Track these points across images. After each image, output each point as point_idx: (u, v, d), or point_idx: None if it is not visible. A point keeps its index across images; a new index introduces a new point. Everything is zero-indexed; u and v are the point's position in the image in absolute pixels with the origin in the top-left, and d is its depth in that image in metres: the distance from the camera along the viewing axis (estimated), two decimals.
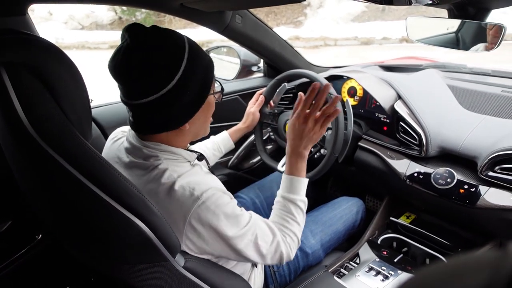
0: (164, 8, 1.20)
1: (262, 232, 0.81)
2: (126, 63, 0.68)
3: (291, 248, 0.87)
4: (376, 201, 1.66)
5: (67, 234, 0.75)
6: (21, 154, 0.61)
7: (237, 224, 0.76)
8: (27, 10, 0.99)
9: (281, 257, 0.86)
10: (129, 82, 0.71)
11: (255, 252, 0.80)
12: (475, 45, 0.95)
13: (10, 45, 0.55)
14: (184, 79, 0.71)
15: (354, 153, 1.34)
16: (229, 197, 0.79)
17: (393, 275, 1.10)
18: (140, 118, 0.75)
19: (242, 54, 1.72)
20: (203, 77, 0.76)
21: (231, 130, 1.30)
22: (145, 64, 0.68)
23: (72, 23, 9.95)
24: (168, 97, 0.71)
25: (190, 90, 0.73)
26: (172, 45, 0.71)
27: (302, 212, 0.93)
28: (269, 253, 0.83)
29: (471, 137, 1.07)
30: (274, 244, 0.83)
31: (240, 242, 0.77)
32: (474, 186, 1.02)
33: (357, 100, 1.39)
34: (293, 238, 0.88)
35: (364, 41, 7.84)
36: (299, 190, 0.92)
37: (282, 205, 0.92)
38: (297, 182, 0.93)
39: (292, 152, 0.94)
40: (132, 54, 0.68)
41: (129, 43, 0.68)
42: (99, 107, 1.33)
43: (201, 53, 0.76)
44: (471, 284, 0.19)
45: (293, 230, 0.89)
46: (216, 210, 0.73)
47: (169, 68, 0.70)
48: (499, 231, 1.10)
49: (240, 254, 0.78)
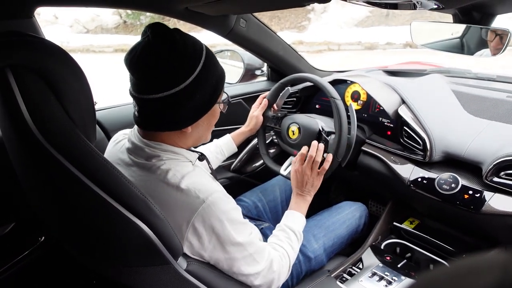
0: (169, 12, 1.20)
1: (261, 248, 0.83)
2: (144, 58, 0.70)
3: (282, 271, 0.88)
4: (380, 206, 1.65)
5: (69, 236, 0.75)
6: (25, 155, 0.62)
7: (240, 232, 0.77)
8: (34, 13, 1.00)
9: (271, 280, 0.86)
10: (143, 76, 0.72)
11: (248, 266, 0.81)
12: (480, 50, 0.95)
13: (16, 47, 0.55)
14: (196, 83, 0.73)
15: (357, 157, 1.33)
16: (234, 203, 0.79)
17: (397, 280, 1.08)
18: (147, 114, 0.76)
19: (246, 58, 1.72)
20: (214, 85, 0.78)
21: (234, 134, 1.30)
22: (162, 61, 0.70)
23: (78, 26, 10.03)
24: (178, 97, 0.72)
25: (200, 95, 0.75)
26: (190, 49, 0.73)
27: (298, 241, 0.97)
28: (265, 269, 0.83)
29: (476, 143, 1.06)
30: (267, 264, 0.84)
31: (239, 253, 0.78)
32: (479, 192, 1.01)
33: (360, 105, 1.38)
34: (286, 259, 0.90)
35: (368, 46, 7.83)
36: (297, 223, 1.01)
37: (282, 229, 0.98)
38: (297, 216, 1.02)
39: (297, 196, 1.07)
40: (151, 50, 0.70)
41: (150, 39, 0.70)
42: (103, 110, 1.34)
43: (217, 63, 0.79)
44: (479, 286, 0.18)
45: (287, 251, 0.91)
46: (221, 215, 0.73)
47: (184, 69, 0.72)
48: (504, 237, 1.09)
49: (234, 266, 0.79)
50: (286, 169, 1.26)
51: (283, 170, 1.26)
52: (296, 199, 1.07)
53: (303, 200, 1.06)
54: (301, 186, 1.07)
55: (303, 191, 1.07)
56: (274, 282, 0.87)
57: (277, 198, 1.39)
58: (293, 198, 1.07)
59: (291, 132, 1.29)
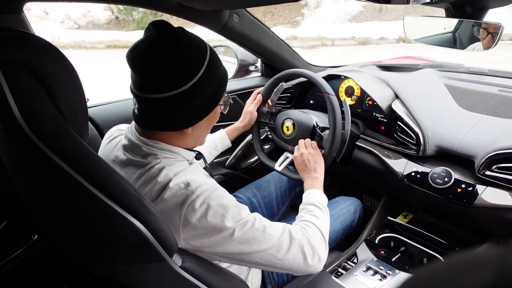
0: (161, 7, 1.19)
1: (270, 223, 0.77)
2: (147, 56, 0.69)
3: (310, 236, 0.82)
4: (374, 201, 1.66)
5: (63, 234, 0.74)
6: (17, 153, 0.61)
7: (236, 215, 0.72)
8: (23, 9, 0.98)
9: (301, 247, 0.78)
10: (146, 75, 0.70)
11: (264, 242, 0.74)
12: (472, 44, 0.95)
13: (5, 43, 0.54)
14: (200, 84, 0.72)
15: (351, 152, 1.34)
16: (225, 191, 0.77)
17: (391, 274, 1.10)
18: (147, 113, 0.75)
19: (239, 53, 1.72)
20: (217, 87, 0.77)
21: (228, 129, 1.30)
22: (166, 61, 0.68)
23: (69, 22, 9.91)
24: (180, 98, 0.71)
25: (202, 96, 0.74)
26: (195, 49, 0.71)
27: (321, 210, 0.94)
28: (283, 242, 0.76)
29: (468, 137, 1.07)
30: (286, 232, 0.78)
31: (240, 230, 0.72)
32: (472, 185, 1.03)
33: (354, 100, 1.39)
34: (311, 226, 0.85)
35: (361, 41, 7.85)
36: (316, 197, 0.99)
37: (301, 210, 0.96)
38: (314, 192, 1.01)
39: (307, 180, 1.07)
40: (155, 48, 0.68)
41: (154, 37, 0.69)
42: (96, 107, 1.33)
43: (220, 64, 0.78)
44: (477, 280, 0.18)
45: (310, 220, 0.87)
46: (211, 202, 0.71)
47: (188, 70, 0.70)
48: (496, 229, 1.10)
49: (240, 252, 0.73)
50: (281, 165, 1.26)
51: (277, 166, 1.26)
52: (306, 182, 1.07)
53: (313, 180, 1.06)
54: (305, 168, 1.09)
55: (309, 172, 1.08)
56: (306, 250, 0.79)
57: (272, 194, 1.39)
58: (305, 184, 1.07)
59: (286, 127, 1.29)
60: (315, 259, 0.81)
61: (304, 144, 1.14)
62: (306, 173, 1.09)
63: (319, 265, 0.83)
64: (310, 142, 1.14)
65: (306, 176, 1.08)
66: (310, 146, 1.13)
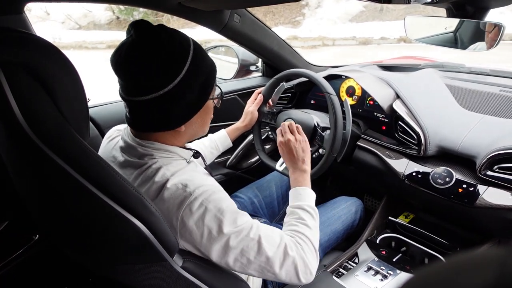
0: (162, 7, 1.19)
1: (266, 234, 0.75)
2: (129, 59, 0.68)
3: (305, 252, 0.79)
4: (375, 201, 1.66)
5: (63, 235, 0.74)
6: (18, 153, 0.61)
7: (233, 221, 0.71)
8: (24, 9, 0.99)
9: (294, 264, 0.76)
10: (130, 78, 0.70)
11: (258, 254, 0.73)
12: (473, 44, 0.95)
13: (6, 43, 0.54)
14: (186, 82, 0.71)
15: (352, 152, 1.34)
16: (224, 194, 0.75)
17: (392, 274, 1.09)
18: (137, 115, 0.74)
19: (240, 53, 1.72)
20: (204, 81, 0.75)
21: (229, 129, 1.30)
22: (148, 62, 0.68)
23: (70, 23, 9.93)
24: (168, 97, 0.70)
25: (190, 93, 0.73)
26: (177, 46, 0.70)
27: (312, 216, 0.88)
28: (277, 257, 0.74)
29: (470, 137, 1.07)
30: (281, 247, 0.75)
31: (235, 238, 0.70)
32: (473, 186, 1.02)
33: (355, 100, 1.39)
34: (305, 240, 0.81)
35: (362, 41, 7.85)
36: (305, 198, 0.92)
37: (290, 213, 0.90)
38: (302, 190, 0.93)
39: (293, 172, 0.99)
40: (136, 50, 0.67)
41: (134, 38, 0.68)
42: (97, 107, 1.33)
43: (206, 57, 0.76)
44: (478, 281, 0.18)
45: (304, 233, 0.83)
46: (209, 205, 0.70)
47: (171, 68, 0.69)
48: (497, 230, 1.10)
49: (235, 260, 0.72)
50: (282, 165, 1.26)
51: (278, 165, 1.26)
52: (293, 175, 0.98)
53: (301, 172, 0.97)
54: (292, 157, 0.99)
55: (297, 162, 0.99)
56: (299, 267, 0.77)
57: (273, 194, 1.39)
58: (291, 176, 0.98)
59: None
60: (307, 274, 0.80)
61: (289, 128, 1.03)
62: (293, 163, 0.99)
63: (310, 278, 0.81)
64: (294, 126, 1.04)
65: (294, 167, 0.99)
66: (295, 131, 1.02)
